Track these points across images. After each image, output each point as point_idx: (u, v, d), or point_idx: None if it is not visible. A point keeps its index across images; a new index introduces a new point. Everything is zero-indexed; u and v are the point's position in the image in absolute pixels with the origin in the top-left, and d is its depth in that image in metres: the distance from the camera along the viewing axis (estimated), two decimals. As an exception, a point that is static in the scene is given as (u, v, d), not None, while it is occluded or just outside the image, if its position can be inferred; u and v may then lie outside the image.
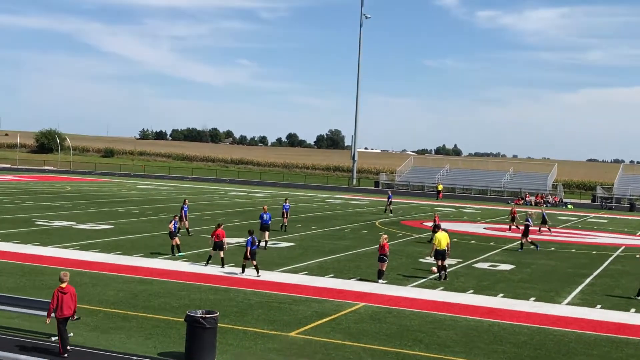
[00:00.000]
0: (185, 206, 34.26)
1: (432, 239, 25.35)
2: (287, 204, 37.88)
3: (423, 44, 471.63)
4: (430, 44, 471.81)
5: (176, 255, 26.97)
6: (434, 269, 24.98)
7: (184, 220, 33.20)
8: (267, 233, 30.78)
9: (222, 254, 24.86)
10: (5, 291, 18.58)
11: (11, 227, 32.90)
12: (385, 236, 24.36)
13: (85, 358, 13.86)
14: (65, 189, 61.34)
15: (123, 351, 14.62)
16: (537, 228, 42.35)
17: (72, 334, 15.53)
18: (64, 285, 14.40)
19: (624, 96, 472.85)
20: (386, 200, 53.54)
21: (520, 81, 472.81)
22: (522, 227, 35.76)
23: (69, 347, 14.32)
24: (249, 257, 23.40)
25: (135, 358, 14.20)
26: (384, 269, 23.73)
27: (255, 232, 25.96)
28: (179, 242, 27.38)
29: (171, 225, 27.36)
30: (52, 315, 14.40)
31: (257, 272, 23.52)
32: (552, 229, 43.98)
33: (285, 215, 37.02)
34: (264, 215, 31.00)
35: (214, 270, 24.30)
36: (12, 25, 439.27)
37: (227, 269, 24.54)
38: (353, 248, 31.60)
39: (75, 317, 15.74)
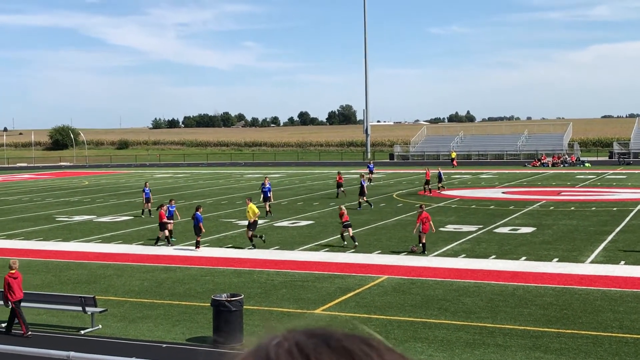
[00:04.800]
0: (147, 189, 35.68)
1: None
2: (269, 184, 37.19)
3: (428, 12, 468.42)
4: (435, 12, 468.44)
5: (168, 243, 26.04)
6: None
7: (147, 202, 35.42)
8: (266, 203, 33.58)
9: (165, 233, 25.94)
10: (32, 289, 18.78)
11: (33, 225, 33.18)
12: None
13: (115, 348, 14.01)
14: (82, 184, 61.71)
15: (152, 339, 14.79)
16: (437, 187, 45.12)
17: (100, 326, 15.73)
18: (13, 271, 15.42)
19: (633, 50, 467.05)
20: (367, 171, 53.51)
21: (528, 43, 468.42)
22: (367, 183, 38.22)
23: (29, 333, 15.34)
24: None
25: (164, 345, 14.35)
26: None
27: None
28: (171, 228, 26.23)
29: (164, 211, 26.09)
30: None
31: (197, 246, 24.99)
32: (445, 189, 46.05)
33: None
34: (264, 188, 33.97)
35: (236, 253, 24.42)
36: (17, 24, 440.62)
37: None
38: (372, 222, 31.60)
39: (100, 309, 15.95)
